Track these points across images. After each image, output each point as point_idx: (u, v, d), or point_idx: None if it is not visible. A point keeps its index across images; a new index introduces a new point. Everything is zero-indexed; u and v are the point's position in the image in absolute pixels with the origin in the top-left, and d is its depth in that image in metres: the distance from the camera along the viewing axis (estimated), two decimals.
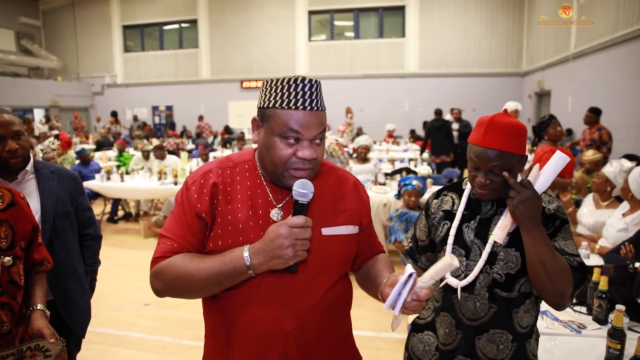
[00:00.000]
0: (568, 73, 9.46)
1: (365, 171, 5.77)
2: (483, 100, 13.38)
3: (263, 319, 1.13)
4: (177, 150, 8.87)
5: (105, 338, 3.38)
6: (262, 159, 1.14)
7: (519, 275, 1.36)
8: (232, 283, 1.08)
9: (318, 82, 1.12)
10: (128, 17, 16.93)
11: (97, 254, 2.10)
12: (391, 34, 14.80)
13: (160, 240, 1.14)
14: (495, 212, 1.40)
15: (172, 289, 1.11)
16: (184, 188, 1.16)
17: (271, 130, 1.08)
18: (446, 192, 1.55)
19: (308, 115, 1.07)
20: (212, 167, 1.18)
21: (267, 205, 1.15)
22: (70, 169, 2.19)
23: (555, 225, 1.35)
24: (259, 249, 1.04)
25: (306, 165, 1.10)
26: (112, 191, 6.34)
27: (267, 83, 1.12)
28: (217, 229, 1.11)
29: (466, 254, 1.41)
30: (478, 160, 1.30)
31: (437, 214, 1.52)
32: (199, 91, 16.32)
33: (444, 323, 1.46)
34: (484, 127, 1.30)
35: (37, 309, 1.38)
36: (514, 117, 1.32)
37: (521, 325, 1.39)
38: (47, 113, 15.71)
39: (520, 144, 1.30)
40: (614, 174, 3.27)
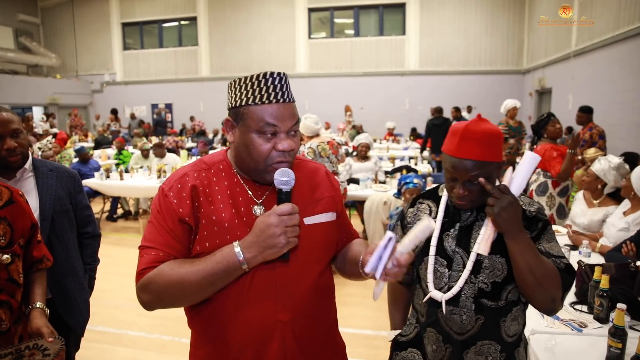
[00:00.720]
0: (569, 71, 9.44)
1: (365, 169, 5.76)
2: (484, 98, 13.36)
3: (259, 314, 1.13)
4: (177, 148, 8.86)
5: (105, 337, 3.38)
6: (240, 157, 1.15)
7: (506, 283, 1.32)
8: (227, 282, 1.08)
9: (285, 74, 1.14)
10: (127, 14, 16.88)
11: (96, 252, 2.09)
12: (391, 32, 14.77)
13: (142, 252, 1.11)
14: (476, 219, 1.36)
15: (164, 299, 1.09)
16: (161, 195, 1.14)
17: (247, 127, 1.09)
18: (422, 200, 1.49)
19: (282, 108, 1.09)
20: (186, 170, 1.17)
21: (249, 202, 1.15)
22: (69, 167, 2.18)
23: (539, 228, 1.32)
24: (250, 242, 1.04)
25: (286, 157, 1.12)
26: (112, 189, 6.33)
27: (236, 82, 1.13)
28: (203, 230, 1.11)
29: (448, 264, 1.35)
30: (455, 172, 1.26)
31: (414, 224, 1.44)
32: (199, 89, 16.29)
33: (431, 339, 1.40)
34: (458, 136, 1.25)
35: (36, 307, 1.37)
36: (488, 122, 1.28)
37: (508, 334, 1.35)
38: (46, 111, 15.68)
39: (497, 151, 1.26)
40: (603, 171, 3.26)
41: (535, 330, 1.94)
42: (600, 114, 7.86)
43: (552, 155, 3.98)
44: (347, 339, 1.43)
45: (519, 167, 1.25)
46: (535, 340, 1.88)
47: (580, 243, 2.86)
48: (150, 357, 3.15)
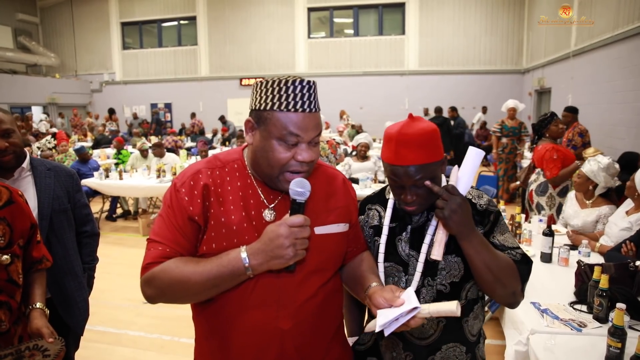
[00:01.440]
0: (568, 70, 9.43)
1: (365, 169, 5.76)
2: (483, 97, 13.37)
3: (260, 320, 1.12)
4: (176, 148, 8.85)
5: (104, 336, 3.37)
6: (256, 161, 1.12)
7: (464, 282, 1.29)
8: (230, 285, 1.07)
9: (314, 83, 1.11)
10: (126, 14, 16.86)
11: (94, 251, 2.09)
12: (391, 31, 14.76)
13: (150, 245, 1.11)
14: (427, 218, 1.31)
15: (167, 295, 1.09)
16: (173, 190, 1.12)
17: (269, 133, 1.07)
18: (370, 206, 1.43)
19: (307, 118, 1.06)
20: (200, 167, 1.15)
21: (260, 206, 1.13)
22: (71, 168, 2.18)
23: (491, 221, 1.29)
24: (257, 249, 1.02)
25: (304, 168, 1.09)
26: (111, 189, 6.32)
27: (262, 84, 1.09)
28: (211, 231, 1.09)
29: (404, 269, 1.31)
30: (398, 179, 1.21)
31: (366, 231, 1.39)
32: (198, 88, 16.28)
33: (390, 346, 1.36)
34: (393, 143, 1.19)
35: (36, 308, 1.37)
36: (421, 121, 1.22)
37: (472, 333, 1.34)
38: (45, 110, 15.66)
39: (436, 149, 1.21)
40: (593, 172, 3.25)
41: (535, 330, 1.95)
42: (599, 113, 7.87)
43: (552, 157, 3.96)
44: None
45: (464, 164, 1.20)
46: (535, 340, 1.89)
47: (580, 243, 2.87)
48: (150, 357, 3.14)
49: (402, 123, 1.21)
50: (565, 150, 4.10)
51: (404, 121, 1.22)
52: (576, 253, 2.83)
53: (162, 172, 6.28)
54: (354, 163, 5.88)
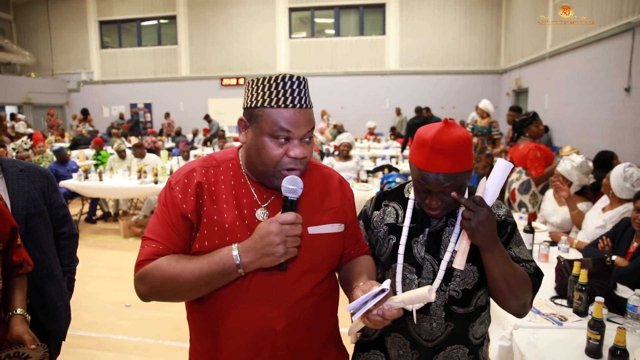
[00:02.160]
0: (544, 71, 9.64)
1: (347, 169, 5.78)
2: (464, 98, 13.54)
3: (253, 319, 1.11)
4: (155, 148, 8.72)
5: (86, 341, 3.31)
6: (250, 159, 1.13)
7: (476, 290, 1.31)
8: (222, 283, 1.06)
9: (305, 79, 1.11)
10: (104, 12, 16.55)
11: (74, 253, 2.03)
12: (372, 32, 14.85)
13: (143, 243, 1.11)
14: (446, 224, 1.31)
15: (160, 292, 1.09)
16: (167, 188, 1.13)
17: (260, 130, 1.07)
18: (387, 202, 1.41)
19: (298, 114, 1.06)
20: (195, 166, 1.16)
21: (253, 205, 1.13)
22: (47, 168, 2.11)
23: (508, 232, 1.31)
24: (248, 247, 1.02)
25: (297, 165, 1.09)
26: (91, 190, 6.21)
27: (254, 82, 1.10)
28: (204, 229, 1.09)
29: (417, 271, 1.31)
30: (426, 184, 1.20)
31: (380, 228, 1.38)
32: (179, 88, 16.08)
33: (396, 344, 1.37)
34: (427, 148, 1.17)
35: (17, 314, 1.33)
36: (457, 127, 1.20)
37: (475, 337, 1.36)
38: (20, 110, 15.25)
39: (469, 158, 1.20)
40: (567, 171, 3.34)
41: (518, 325, 1.98)
42: (575, 113, 8.07)
43: (536, 156, 4.02)
44: None
45: (493, 176, 1.19)
46: (519, 334, 1.92)
47: (559, 239, 2.93)
48: None
49: (438, 128, 1.17)
50: (546, 149, 4.19)
51: (438, 125, 1.18)
52: (556, 249, 2.90)
53: (143, 172, 6.19)
54: (336, 163, 5.89)
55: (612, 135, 6.64)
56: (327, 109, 13.43)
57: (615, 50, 6.62)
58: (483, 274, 1.29)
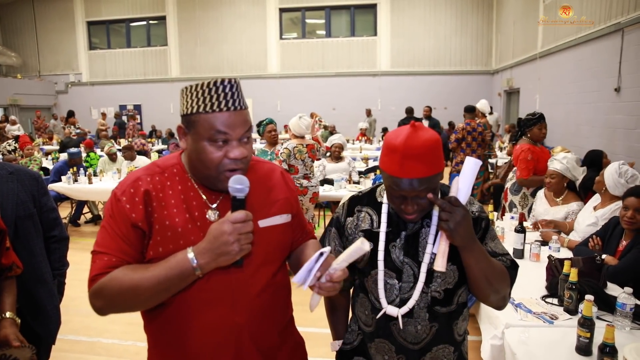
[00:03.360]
0: (535, 71, 9.74)
1: (339, 170, 5.79)
2: (455, 98, 13.63)
3: (216, 317, 1.14)
4: (144, 150, 8.65)
5: (76, 345, 3.27)
6: (193, 164, 1.15)
7: (457, 288, 1.31)
8: (180, 287, 1.07)
9: (237, 81, 1.14)
10: (92, 12, 16.42)
11: (64, 256, 2.01)
12: (363, 32, 14.90)
13: (94, 257, 1.10)
14: (422, 226, 1.30)
15: (118, 304, 1.08)
16: (113, 200, 1.13)
17: (198, 135, 1.09)
18: (360, 208, 1.39)
19: (233, 116, 1.09)
20: (139, 174, 1.16)
21: (202, 206, 1.15)
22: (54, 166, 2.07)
23: (482, 228, 1.32)
24: (203, 248, 1.03)
25: (239, 165, 1.12)
26: (81, 193, 6.15)
27: (188, 89, 1.12)
28: (156, 236, 1.10)
29: (397, 276, 1.30)
30: (400, 191, 1.19)
31: (355, 235, 1.36)
32: (168, 90, 15.99)
33: (381, 349, 1.36)
34: (398, 155, 1.15)
35: (6, 317, 1.32)
36: (425, 130, 1.18)
37: (459, 333, 1.37)
38: (5, 112, 15.06)
39: (440, 160, 1.19)
40: (567, 169, 3.36)
41: (509, 324, 2.00)
42: (565, 113, 8.16)
43: (526, 158, 3.95)
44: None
45: (463, 175, 1.19)
46: (510, 333, 1.94)
47: (550, 238, 2.96)
48: None
49: (406, 133, 1.16)
50: (541, 153, 4.08)
51: (406, 130, 1.16)
52: (547, 248, 2.92)
53: None
54: (328, 164, 5.90)
55: (603, 135, 6.72)
56: (318, 110, 13.41)
57: (605, 50, 6.71)
58: (463, 272, 1.29)
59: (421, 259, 1.28)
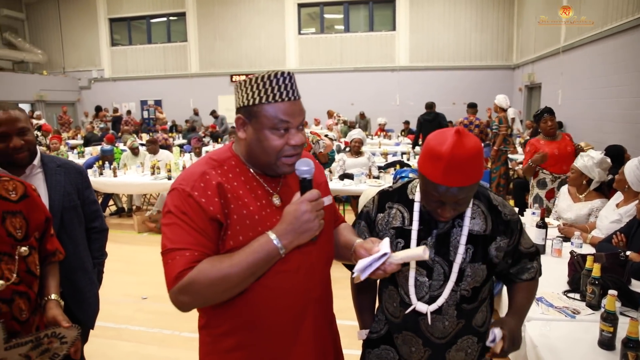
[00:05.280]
0: (558, 66, 9.57)
1: (359, 165, 5.81)
2: (474, 93, 13.44)
3: (296, 295, 1.22)
4: (166, 145, 8.80)
5: (105, 331, 3.38)
6: (252, 152, 1.19)
7: (483, 285, 1.36)
8: (265, 269, 1.13)
9: (292, 74, 1.19)
10: (114, 10, 16.70)
11: (103, 246, 2.12)
12: (381, 27, 14.82)
13: (172, 255, 1.08)
14: (453, 225, 1.33)
15: (206, 297, 1.10)
16: (183, 196, 1.12)
17: (261, 125, 1.14)
18: (391, 204, 1.41)
19: (293, 105, 1.16)
20: (204, 169, 1.17)
21: (266, 194, 1.22)
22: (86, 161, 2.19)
23: (518, 230, 1.39)
24: (284, 229, 1.10)
25: (297, 150, 1.19)
26: (105, 186, 6.31)
27: (246, 82, 1.17)
28: (235, 225, 1.14)
29: (428, 273, 1.33)
30: (441, 197, 1.20)
31: (386, 232, 1.39)
32: (188, 85, 16.20)
33: (408, 341, 1.40)
34: (443, 163, 1.14)
35: (51, 299, 1.41)
36: (470, 138, 1.17)
37: (478, 325, 1.41)
38: (32, 108, 15.46)
39: (481, 169, 1.19)
40: (586, 168, 3.33)
41: (530, 317, 2.01)
42: (588, 108, 8.01)
43: (526, 150, 4.32)
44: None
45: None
46: (531, 326, 1.95)
47: (572, 234, 2.95)
48: (151, 351, 3.18)
49: (452, 141, 1.14)
50: (539, 146, 4.28)
51: (452, 138, 1.15)
52: (569, 244, 2.91)
53: (157, 168, 6.28)
54: (348, 159, 5.93)
55: (628, 131, 6.59)
56: (337, 105, 13.47)
57: (631, 44, 6.56)
58: (491, 271, 1.35)
59: (452, 258, 1.31)
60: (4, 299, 1.23)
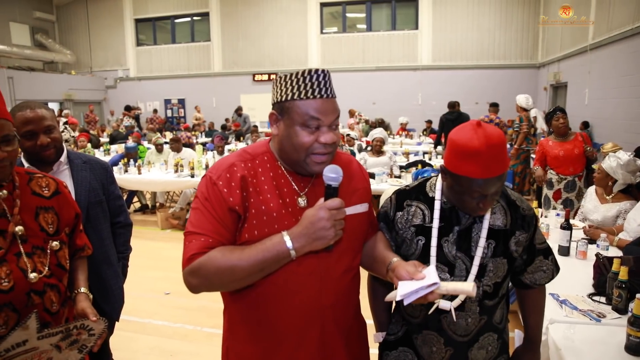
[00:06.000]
0: (585, 65, 9.33)
1: (380, 164, 5.80)
2: (499, 92, 13.24)
3: (304, 299, 1.20)
4: (189, 143, 8.94)
5: (129, 325, 3.47)
6: (283, 149, 1.20)
7: (503, 281, 1.37)
8: (274, 269, 1.13)
9: (328, 71, 1.19)
10: (140, 10, 17.03)
11: (128, 241, 2.18)
12: (404, 26, 14.72)
13: (190, 237, 1.15)
14: (474, 221, 1.33)
15: (213, 283, 1.14)
16: (209, 184, 1.17)
17: (292, 121, 1.15)
18: (410, 202, 1.40)
19: (325, 103, 1.15)
20: (234, 161, 1.21)
21: (293, 193, 1.21)
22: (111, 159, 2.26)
23: (534, 225, 1.39)
24: (299, 233, 1.09)
25: (327, 150, 1.17)
26: (130, 183, 6.45)
27: (281, 78, 1.18)
28: (252, 219, 1.15)
29: (450, 270, 1.33)
30: (483, 191, 1.21)
31: (407, 231, 1.38)
32: (211, 84, 16.40)
33: (429, 341, 1.40)
34: (482, 158, 1.16)
35: (81, 292, 1.45)
36: (491, 127, 1.21)
37: (497, 322, 1.42)
38: (61, 107, 15.91)
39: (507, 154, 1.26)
40: (612, 169, 3.25)
41: (554, 320, 1.99)
42: (617, 108, 7.80)
43: (537, 150, 4.54)
44: None
45: None
46: (554, 329, 1.93)
47: (598, 237, 2.88)
48: (174, 345, 3.24)
49: (482, 134, 1.17)
50: (547, 147, 4.39)
51: (478, 131, 1.18)
52: (594, 247, 2.85)
53: (180, 166, 6.39)
54: (369, 158, 5.92)
55: None
56: (358, 104, 13.41)
57: None
58: (511, 265, 1.36)
59: (473, 254, 1.31)
60: (37, 291, 1.28)
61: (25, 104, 1.72)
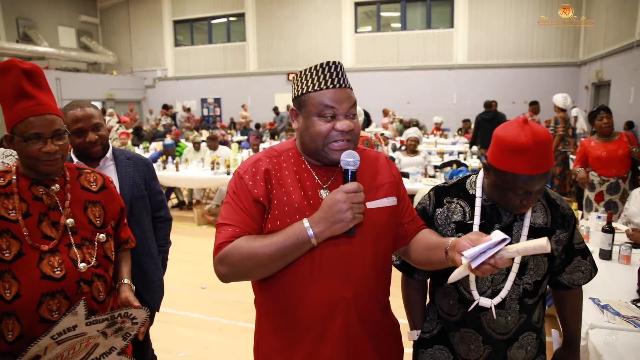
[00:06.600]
0: (631, 62, 8.92)
1: (414, 163, 5.75)
2: (536, 91, 12.84)
3: (326, 290, 1.22)
4: (224, 141, 9.12)
5: (167, 317, 3.58)
6: (304, 142, 1.25)
7: (543, 279, 1.36)
8: (296, 255, 1.16)
9: (340, 63, 1.23)
10: (178, 12, 17.50)
11: (168, 234, 2.26)
12: (439, 25, 14.50)
13: (220, 229, 1.22)
14: (515, 219, 1.33)
15: (240, 270, 1.18)
16: (237, 178, 1.25)
17: (309, 112, 1.21)
18: (450, 199, 1.41)
19: (338, 92, 1.20)
20: (260, 156, 1.29)
21: (315, 186, 1.25)
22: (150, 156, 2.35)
23: (572, 225, 1.38)
24: (318, 218, 1.12)
25: (345, 137, 1.20)
26: (168, 180, 6.65)
27: (298, 75, 1.25)
28: (275, 210, 1.21)
29: None
30: (530, 188, 1.22)
31: (447, 227, 1.39)
32: (246, 84, 16.67)
33: (467, 339, 1.39)
34: (530, 154, 1.17)
35: (124, 283, 1.53)
36: (536, 125, 1.22)
37: (535, 321, 1.41)
38: (103, 106, 16.55)
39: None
40: None
41: (594, 325, 1.93)
42: None
43: (578, 150, 4.39)
44: None
45: None
46: (595, 334, 1.87)
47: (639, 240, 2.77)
48: (210, 337, 3.33)
49: (530, 131, 1.19)
50: (589, 147, 4.24)
51: (526, 128, 1.19)
52: (639, 251, 2.74)
53: (216, 164, 6.53)
54: (403, 157, 5.88)
55: None
56: (393, 103, 13.33)
57: None
58: (552, 263, 1.36)
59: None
60: (86, 280, 1.36)
61: (75, 103, 1.82)
